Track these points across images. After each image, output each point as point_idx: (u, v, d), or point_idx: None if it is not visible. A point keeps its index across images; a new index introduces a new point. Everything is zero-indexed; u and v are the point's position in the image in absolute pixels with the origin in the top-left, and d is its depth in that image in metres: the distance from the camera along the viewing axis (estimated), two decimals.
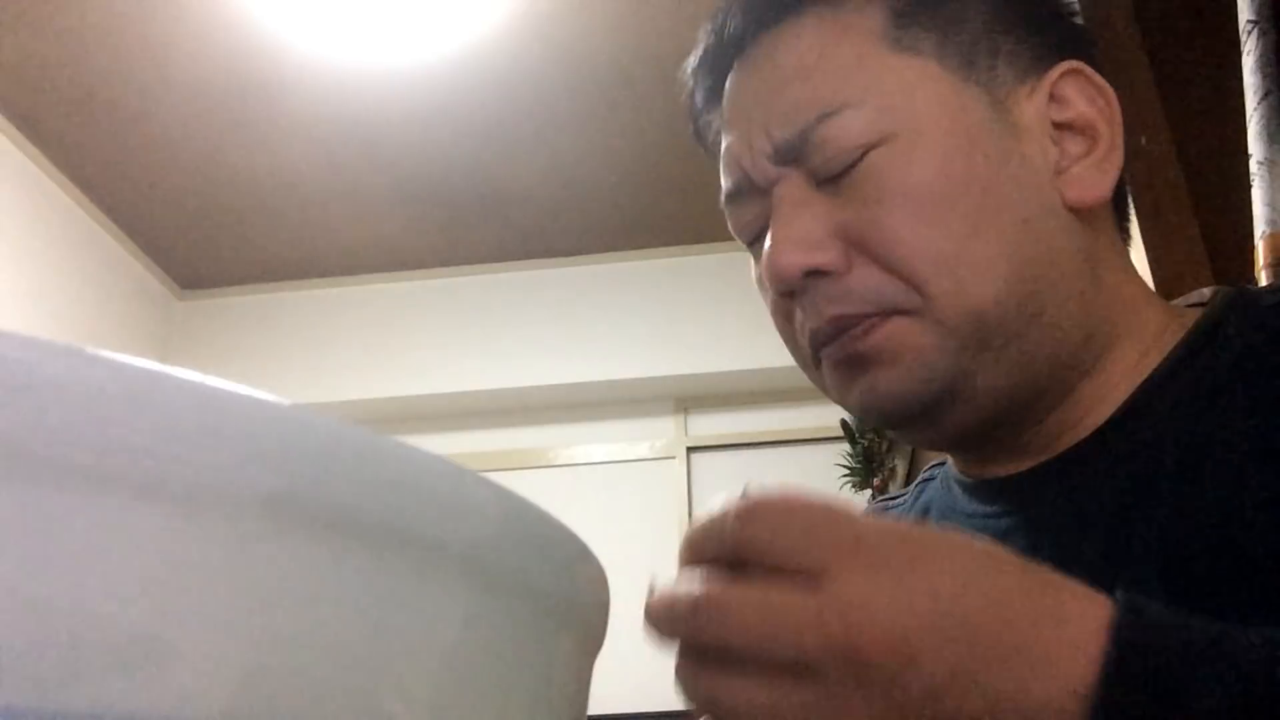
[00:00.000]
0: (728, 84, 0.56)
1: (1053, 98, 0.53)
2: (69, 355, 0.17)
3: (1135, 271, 0.56)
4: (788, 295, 0.53)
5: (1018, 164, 0.51)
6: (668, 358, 3.50)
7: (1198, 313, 0.54)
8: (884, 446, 2.71)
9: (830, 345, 0.52)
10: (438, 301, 3.65)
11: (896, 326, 0.50)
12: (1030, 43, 0.54)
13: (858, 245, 0.51)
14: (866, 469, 2.65)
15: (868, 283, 0.50)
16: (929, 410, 0.52)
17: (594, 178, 3.25)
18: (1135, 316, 0.54)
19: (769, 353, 3.47)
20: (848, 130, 0.50)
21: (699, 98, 0.60)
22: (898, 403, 0.52)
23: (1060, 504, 0.52)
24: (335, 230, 3.46)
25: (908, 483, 2.51)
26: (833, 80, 0.51)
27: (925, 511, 0.62)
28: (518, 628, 0.23)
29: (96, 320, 3.30)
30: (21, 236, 3.00)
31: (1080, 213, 0.52)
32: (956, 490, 0.59)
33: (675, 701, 0.40)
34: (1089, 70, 0.54)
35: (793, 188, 0.52)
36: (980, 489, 0.57)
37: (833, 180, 0.51)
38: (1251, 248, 1.17)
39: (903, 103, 0.50)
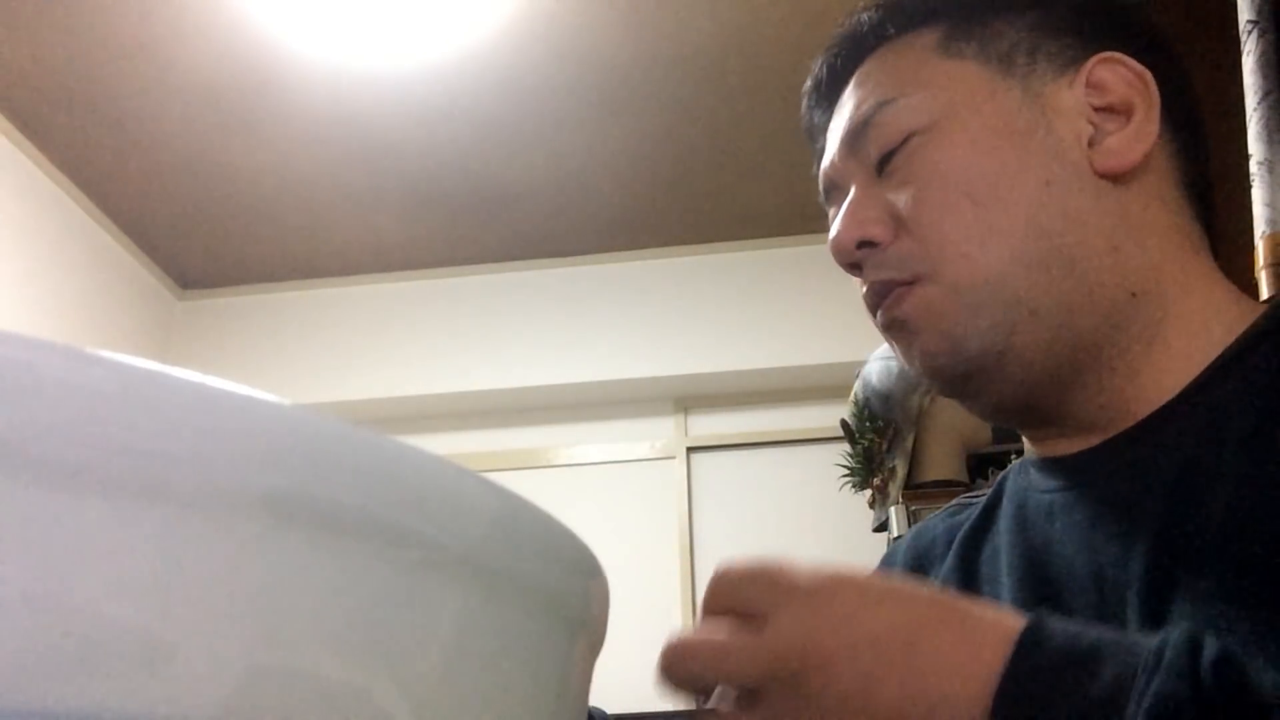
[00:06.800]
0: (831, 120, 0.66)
1: (1094, 85, 0.59)
2: (69, 355, 0.17)
3: (1205, 257, 0.59)
4: (855, 268, 0.60)
5: (1043, 136, 0.58)
6: (668, 358, 3.49)
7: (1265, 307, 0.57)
8: (884, 447, 2.71)
9: (878, 311, 0.60)
10: (438, 301, 3.65)
11: (923, 293, 0.57)
12: (1072, 44, 0.60)
13: (900, 220, 0.58)
14: (866, 469, 2.65)
15: (901, 251, 0.58)
16: (971, 376, 0.58)
17: (594, 178, 3.25)
18: (1190, 295, 0.57)
19: (769, 353, 3.48)
20: (899, 115, 0.59)
21: (813, 129, 0.69)
22: (938, 369, 0.59)
23: (1121, 479, 0.55)
24: (335, 230, 3.46)
25: (907, 484, 2.49)
26: (892, 79, 0.61)
27: (997, 498, 0.66)
28: (517, 627, 0.23)
29: (96, 320, 3.30)
30: (22, 237, 3.00)
31: (1117, 180, 0.57)
32: (1032, 470, 0.63)
33: (675, 702, 0.43)
34: (1126, 58, 0.59)
35: (860, 178, 0.61)
36: (1049, 465, 0.61)
37: (886, 162, 0.59)
38: (1251, 248, 1.17)
39: (943, 94, 0.59)
